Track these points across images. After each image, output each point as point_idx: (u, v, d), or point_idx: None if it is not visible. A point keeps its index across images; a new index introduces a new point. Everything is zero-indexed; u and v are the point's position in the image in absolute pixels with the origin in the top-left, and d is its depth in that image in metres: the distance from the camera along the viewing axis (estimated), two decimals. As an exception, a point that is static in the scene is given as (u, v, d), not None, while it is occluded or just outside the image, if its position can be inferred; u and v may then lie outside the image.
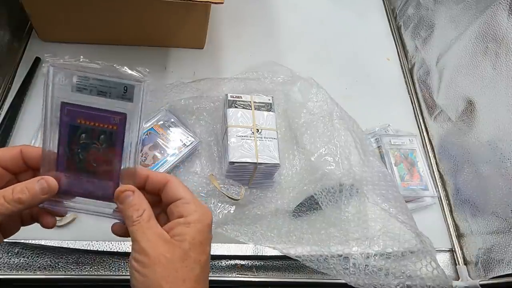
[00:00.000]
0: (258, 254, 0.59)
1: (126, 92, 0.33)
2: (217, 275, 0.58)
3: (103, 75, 0.32)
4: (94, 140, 0.34)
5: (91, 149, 0.34)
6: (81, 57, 0.33)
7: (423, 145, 0.76)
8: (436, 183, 0.72)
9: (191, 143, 0.64)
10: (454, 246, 0.66)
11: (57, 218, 0.38)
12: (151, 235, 0.32)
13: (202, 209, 0.35)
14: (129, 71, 0.33)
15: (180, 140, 0.64)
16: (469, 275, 0.63)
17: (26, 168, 0.36)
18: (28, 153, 0.35)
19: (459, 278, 0.63)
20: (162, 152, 0.63)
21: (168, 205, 0.35)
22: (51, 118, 0.33)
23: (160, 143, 0.63)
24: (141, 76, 0.33)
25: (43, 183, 0.33)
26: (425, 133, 0.78)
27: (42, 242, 0.55)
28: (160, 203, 0.36)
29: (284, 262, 0.61)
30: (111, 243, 0.57)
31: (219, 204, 0.60)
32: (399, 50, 0.89)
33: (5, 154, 0.34)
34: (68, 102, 0.33)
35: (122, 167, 0.34)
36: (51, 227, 0.36)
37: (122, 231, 0.36)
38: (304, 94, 0.73)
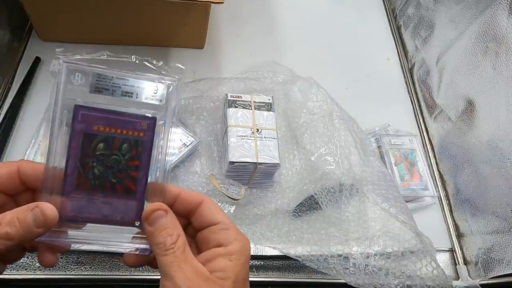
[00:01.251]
0: (258, 254, 0.59)
1: (156, 93, 0.29)
2: (217, 275, 0.58)
3: (129, 73, 0.28)
4: (115, 150, 0.28)
5: (111, 162, 0.28)
6: (106, 52, 0.29)
7: (423, 145, 0.76)
8: (436, 183, 0.72)
9: (191, 143, 0.64)
10: (454, 246, 0.66)
11: None
12: (189, 270, 0.27)
13: (242, 237, 0.29)
14: (159, 68, 0.30)
15: (180, 140, 0.64)
16: (469, 275, 0.63)
17: (25, 188, 0.29)
18: (27, 171, 0.29)
19: (459, 278, 0.63)
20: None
21: (200, 230, 0.30)
22: (59, 126, 0.27)
23: (160, 143, 0.63)
24: (174, 73, 0.29)
25: (37, 213, 0.26)
26: (425, 133, 0.78)
27: (42, 242, 0.55)
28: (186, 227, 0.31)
29: (284, 262, 0.61)
30: (111, 243, 0.57)
31: (219, 204, 0.60)
32: (399, 50, 0.89)
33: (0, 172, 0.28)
34: (83, 105, 0.27)
35: (148, 182, 0.29)
36: (51, 266, 0.31)
37: (139, 261, 0.30)
38: (304, 94, 0.73)
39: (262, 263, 0.60)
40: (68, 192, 0.28)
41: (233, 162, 0.57)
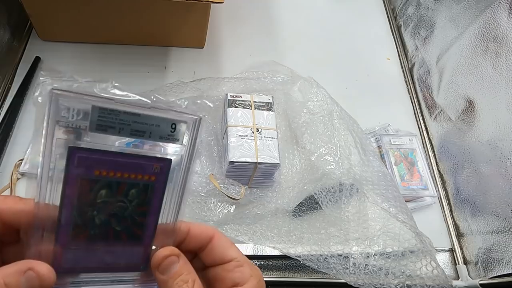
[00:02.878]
0: (258, 253, 0.60)
1: (174, 131, 0.25)
2: (217, 274, 0.58)
3: (141, 106, 0.23)
4: (120, 196, 0.24)
5: (115, 209, 0.24)
6: (114, 83, 0.23)
7: (423, 144, 0.76)
8: (436, 182, 0.72)
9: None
10: (454, 245, 0.66)
11: None
12: None
13: (256, 271, 0.28)
14: (179, 102, 0.25)
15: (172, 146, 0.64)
16: (469, 274, 0.63)
17: (15, 238, 0.24)
18: (10, 216, 0.23)
19: (459, 278, 0.63)
20: (162, 151, 0.63)
21: (211, 267, 0.28)
22: (49, 170, 0.22)
23: (160, 142, 0.63)
24: (196, 109, 0.25)
25: (31, 277, 0.21)
26: (425, 133, 0.78)
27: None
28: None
29: (284, 261, 0.61)
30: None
31: (219, 204, 0.60)
32: (399, 50, 0.89)
33: None
34: (80, 147, 0.22)
35: (158, 224, 0.26)
36: None
37: None
38: (304, 93, 0.73)
39: (262, 262, 0.60)
40: (63, 243, 0.23)
41: (233, 162, 0.57)
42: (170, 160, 0.25)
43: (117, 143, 0.24)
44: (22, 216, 0.22)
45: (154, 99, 0.23)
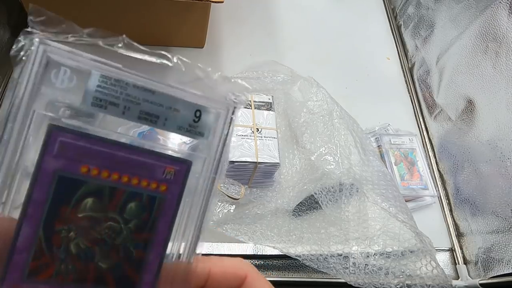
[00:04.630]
0: (258, 253, 0.60)
1: (197, 121, 0.18)
2: (217, 274, 0.58)
3: (160, 82, 0.17)
4: (112, 212, 0.16)
5: (102, 232, 0.16)
6: (125, 38, 0.16)
7: (423, 144, 0.76)
8: (436, 182, 0.72)
9: (191, 142, 0.64)
10: (454, 245, 0.66)
11: None
12: None
13: None
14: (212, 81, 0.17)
15: (181, 138, 0.64)
16: (469, 274, 0.63)
17: None
18: None
19: (459, 278, 0.63)
20: (162, 151, 0.62)
21: None
22: (12, 159, 0.15)
23: (161, 139, 0.63)
24: (234, 94, 0.18)
25: None
26: (425, 133, 0.78)
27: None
28: None
29: (284, 261, 0.61)
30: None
31: (219, 204, 0.60)
32: (399, 50, 0.89)
33: None
34: (65, 127, 0.16)
35: (164, 262, 0.17)
36: None
37: None
38: (304, 93, 0.73)
39: (262, 262, 0.60)
40: (13, 282, 0.15)
41: (233, 162, 0.57)
42: (190, 162, 0.18)
43: (119, 129, 0.17)
44: None
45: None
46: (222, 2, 0.61)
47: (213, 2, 0.62)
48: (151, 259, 0.17)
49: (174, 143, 0.19)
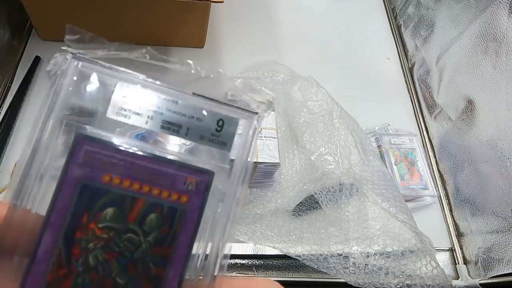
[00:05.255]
0: (258, 253, 0.60)
1: (220, 130, 0.18)
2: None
3: (184, 92, 0.17)
4: (132, 223, 0.16)
5: (121, 245, 0.16)
6: (149, 49, 0.17)
7: (423, 144, 0.76)
8: (436, 182, 0.72)
9: (190, 144, 0.64)
10: (454, 245, 0.66)
11: None
12: None
13: None
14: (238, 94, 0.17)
15: (180, 139, 0.64)
16: (468, 274, 0.63)
17: None
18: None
19: (458, 278, 0.63)
20: (162, 151, 0.62)
21: None
22: (41, 164, 0.16)
23: (161, 141, 0.63)
24: (257, 103, 0.17)
25: None
26: (425, 133, 0.78)
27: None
28: None
29: (284, 261, 0.61)
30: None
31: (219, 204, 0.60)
32: (399, 49, 0.89)
33: None
34: (90, 136, 0.17)
35: (184, 280, 0.17)
36: None
37: None
38: (304, 93, 0.73)
39: (262, 262, 0.60)
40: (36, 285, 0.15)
41: (232, 161, 0.57)
42: (213, 173, 0.17)
43: (118, 130, 0.17)
44: None
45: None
46: (222, 2, 0.61)
47: (213, 2, 0.62)
48: (170, 276, 0.16)
49: (175, 143, 0.19)
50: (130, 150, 0.17)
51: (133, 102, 0.17)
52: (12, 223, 0.15)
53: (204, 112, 0.18)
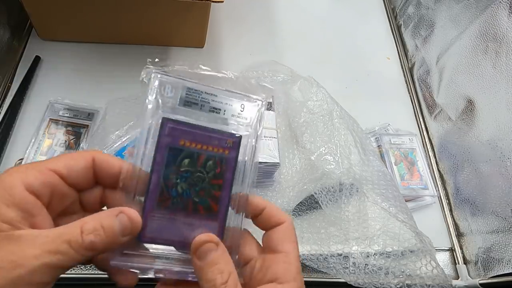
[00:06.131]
0: (258, 253, 0.59)
1: (243, 111, 0.29)
2: (217, 274, 0.58)
3: (219, 88, 0.28)
4: (199, 167, 0.27)
5: (194, 179, 0.27)
6: (200, 65, 0.29)
7: (423, 144, 0.76)
8: (436, 182, 0.72)
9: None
10: (454, 245, 0.66)
11: None
12: None
13: (301, 277, 0.27)
14: (253, 85, 0.31)
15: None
16: (469, 274, 0.63)
17: (94, 183, 0.27)
18: (103, 164, 0.26)
19: (458, 277, 0.63)
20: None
21: (260, 257, 0.28)
22: (147, 138, 0.27)
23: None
24: (264, 93, 0.30)
25: (124, 219, 0.24)
26: (425, 132, 0.78)
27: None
28: None
29: (284, 261, 0.60)
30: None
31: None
32: (399, 49, 0.89)
33: (75, 166, 0.25)
34: (171, 119, 0.27)
35: (231, 194, 0.28)
36: (133, 284, 0.26)
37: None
38: (304, 93, 0.73)
39: (262, 262, 0.60)
40: (150, 209, 0.26)
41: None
42: (241, 136, 0.29)
43: (117, 132, 0.26)
44: (114, 170, 0.26)
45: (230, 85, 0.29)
46: (222, 1, 0.61)
47: (213, 1, 0.62)
48: (223, 196, 0.28)
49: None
50: (194, 125, 0.28)
51: (193, 97, 0.28)
52: (133, 174, 0.26)
53: (233, 101, 0.29)
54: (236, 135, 0.28)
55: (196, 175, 0.27)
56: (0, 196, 0.22)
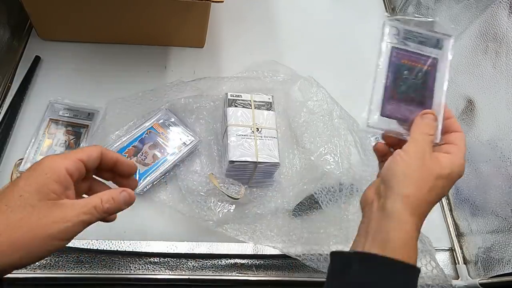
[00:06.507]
0: (258, 253, 0.60)
1: (438, 43, 0.44)
2: (216, 274, 0.58)
3: (423, 29, 0.44)
4: (413, 76, 0.43)
5: (410, 83, 0.43)
6: (415, 14, 0.39)
7: (423, 144, 0.76)
8: (436, 182, 0.71)
9: (191, 142, 0.64)
10: (454, 245, 0.66)
11: None
12: (428, 157, 0.39)
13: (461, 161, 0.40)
14: (442, 27, 0.44)
15: (180, 139, 0.64)
16: (468, 274, 0.63)
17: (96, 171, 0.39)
18: (109, 155, 0.38)
19: (458, 277, 0.63)
20: (162, 151, 0.63)
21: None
22: (384, 61, 0.44)
23: (160, 142, 0.63)
24: (451, 32, 0.44)
25: (125, 195, 0.36)
26: (425, 132, 0.77)
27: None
28: None
29: (284, 261, 0.61)
30: (111, 242, 0.57)
31: (219, 203, 0.60)
32: (399, 49, 0.89)
33: (92, 156, 0.36)
34: (397, 47, 0.44)
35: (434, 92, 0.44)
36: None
37: (384, 151, 0.45)
38: (304, 93, 0.73)
39: (262, 262, 0.60)
40: (386, 99, 0.43)
41: (233, 161, 0.57)
42: (437, 58, 0.44)
43: (117, 132, 0.28)
44: (113, 159, 0.38)
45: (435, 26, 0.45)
46: (222, 2, 0.61)
47: (213, 2, 0.62)
48: (427, 94, 0.43)
49: (174, 145, 0.40)
50: (411, 51, 0.44)
51: (408, 34, 0.45)
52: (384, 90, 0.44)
53: (432, 37, 0.44)
54: (434, 58, 0.43)
55: (411, 81, 0.43)
56: (51, 175, 0.32)
